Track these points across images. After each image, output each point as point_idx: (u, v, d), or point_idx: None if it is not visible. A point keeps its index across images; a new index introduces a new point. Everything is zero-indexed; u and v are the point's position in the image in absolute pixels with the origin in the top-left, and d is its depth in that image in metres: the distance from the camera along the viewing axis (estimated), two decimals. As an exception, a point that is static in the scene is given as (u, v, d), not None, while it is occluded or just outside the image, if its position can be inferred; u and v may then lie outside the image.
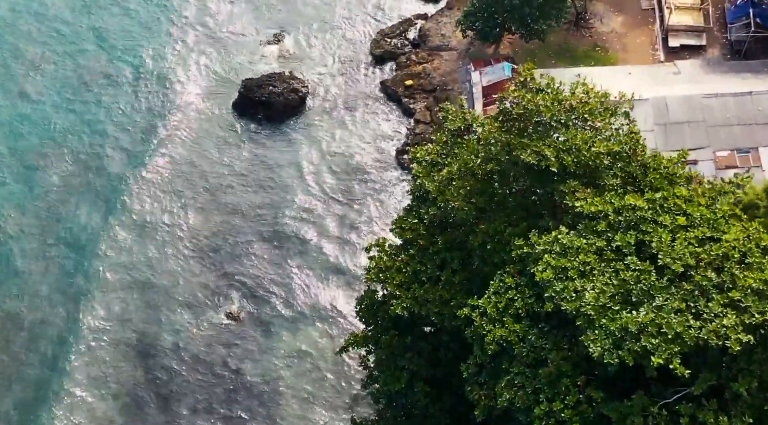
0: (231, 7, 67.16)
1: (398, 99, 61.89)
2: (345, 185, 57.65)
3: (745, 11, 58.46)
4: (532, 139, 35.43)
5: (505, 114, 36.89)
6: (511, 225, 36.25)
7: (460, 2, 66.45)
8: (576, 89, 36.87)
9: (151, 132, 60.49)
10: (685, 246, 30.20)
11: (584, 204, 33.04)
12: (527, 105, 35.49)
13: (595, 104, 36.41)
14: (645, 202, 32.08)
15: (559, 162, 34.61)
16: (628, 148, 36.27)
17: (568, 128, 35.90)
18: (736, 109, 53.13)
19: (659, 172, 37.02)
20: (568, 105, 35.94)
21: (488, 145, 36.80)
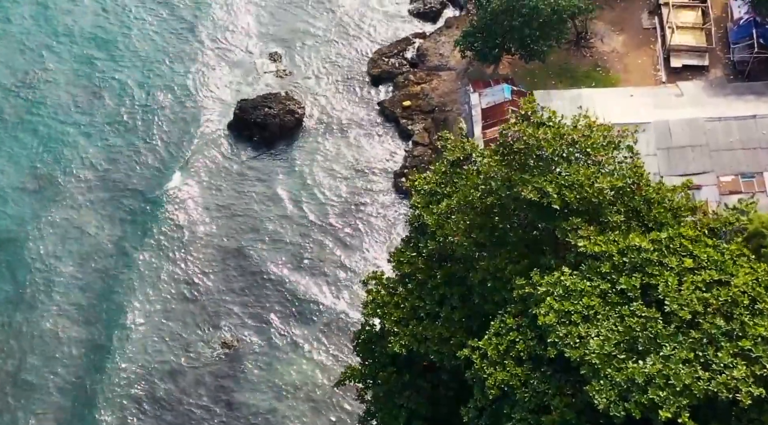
0: (227, 26, 66.29)
1: (396, 120, 60.94)
2: (342, 210, 56.63)
3: (748, 31, 57.56)
4: (534, 174, 34.45)
5: (506, 147, 35.91)
6: (512, 262, 35.25)
7: (459, 21, 65.65)
8: (578, 122, 35.87)
9: (144, 154, 59.45)
10: (693, 291, 29.23)
11: (587, 243, 32.07)
12: (528, 139, 34.51)
13: (598, 138, 35.41)
14: (650, 243, 31.10)
15: (561, 198, 33.63)
16: (631, 182, 35.30)
17: (570, 163, 34.93)
18: (740, 132, 52.18)
19: (663, 205, 36.15)
20: (570, 139, 34.94)
21: (488, 180, 35.81)
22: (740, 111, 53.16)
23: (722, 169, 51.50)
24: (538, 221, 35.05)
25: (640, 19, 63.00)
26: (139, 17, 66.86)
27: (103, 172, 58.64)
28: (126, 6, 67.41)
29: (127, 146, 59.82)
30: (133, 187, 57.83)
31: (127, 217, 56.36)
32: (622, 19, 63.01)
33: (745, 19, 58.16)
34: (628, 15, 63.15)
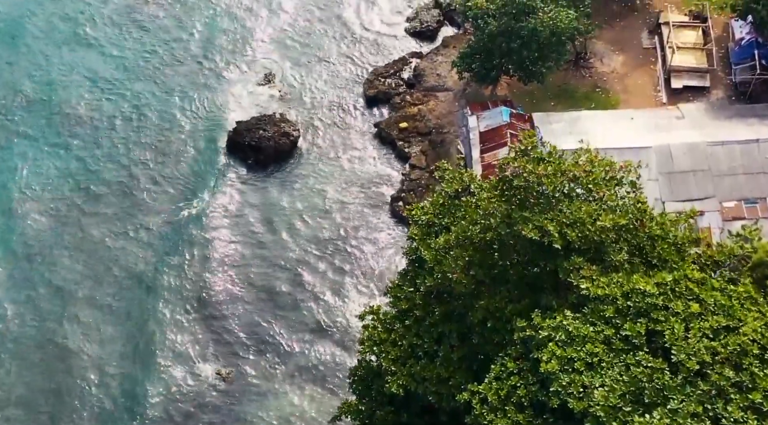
0: (222, 46, 65.22)
1: (393, 142, 59.93)
2: (338, 236, 55.60)
3: (750, 52, 56.68)
4: (534, 212, 33.54)
5: (505, 182, 35.00)
6: (512, 301, 34.35)
7: (456, 40, 64.71)
8: (579, 157, 34.94)
9: (137, 177, 58.39)
10: (700, 338, 28.29)
11: (590, 286, 31.13)
12: (528, 176, 33.61)
13: (600, 173, 34.51)
14: (655, 287, 30.17)
15: (563, 237, 32.72)
16: (634, 218, 34.38)
17: (571, 200, 34.04)
18: (743, 157, 51.25)
19: (667, 241, 35.24)
20: (571, 175, 34.01)
21: (487, 216, 34.89)
22: (743, 134, 52.23)
23: (725, 194, 50.57)
24: (539, 260, 34.09)
25: (639, 38, 62.11)
26: (131, 37, 65.77)
27: (92, 194, 57.73)
28: (115, 25, 66.34)
29: (112, 171, 58.69)
30: (117, 213, 56.81)
31: (111, 242, 55.27)
32: (621, 39, 62.10)
33: (747, 40, 57.29)
34: (627, 34, 62.26)
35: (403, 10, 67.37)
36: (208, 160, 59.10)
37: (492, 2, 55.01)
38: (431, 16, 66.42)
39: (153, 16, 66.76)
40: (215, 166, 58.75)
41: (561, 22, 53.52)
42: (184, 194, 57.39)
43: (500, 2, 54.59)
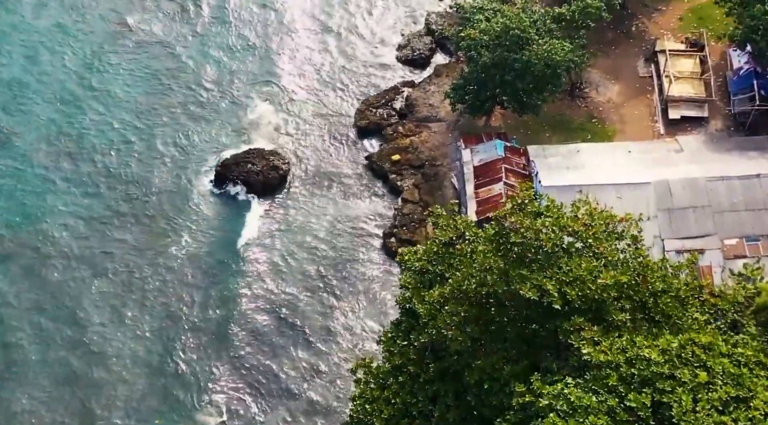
0: (210, 76, 63.68)
1: (384, 175, 58.50)
2: (328, 275, 54.03)
3: (749, 82, 55.52)
4: (532, 269, 32.13)
5: (502, 236, 33.60)
6: (510, 361, 32.90)
7: (449, 69, 63.40)
8: (579, 210, 33.57)
9: (119, 213, 56.69)
10: (708, 410, 26.90)
11: (592, 351, 29.72)
12: (526, 232, 32.19)
13: (600, 227, 33.14)
14: (660, 354, 28.76)
15: (563, 296, 31.33)
16: (636, 274, 33.00)
17: (570, 255, 32.67)
18: (744, 193, 50.02)
19: (670, 294, 33.88)
20: (570, 230, 32.65)
21: (484, 272, 33.46)
22: (743, 169, 51.02)
23: (726, 231, 49.31)
24: (537, 319, 32.68)
25: (636, 67, 60.94)
26: (117, 64, 64.28)
27: (72, 229, 56.12)
28: (99, 55, 64.79)
29: (93, 206, 57.11)
30: (99, 249, 55.22)
31: (83, 284, 53.81)
32: (617, 67, 60.89)
33: (746, 70, 56.13)
34: (623, 63, 61.06)
35: (394, 37, 66.06)
36: (193, 195, 57.44)
37: (485, 33, 53.82)
38: (423, 43, 65.09)
39: (139, 45, 65.31)
40: (201, 202, 57.12)
41: (556, 55, 52.30)
42: (168, 232, 55.69)
43: (494, 34, 53.41)
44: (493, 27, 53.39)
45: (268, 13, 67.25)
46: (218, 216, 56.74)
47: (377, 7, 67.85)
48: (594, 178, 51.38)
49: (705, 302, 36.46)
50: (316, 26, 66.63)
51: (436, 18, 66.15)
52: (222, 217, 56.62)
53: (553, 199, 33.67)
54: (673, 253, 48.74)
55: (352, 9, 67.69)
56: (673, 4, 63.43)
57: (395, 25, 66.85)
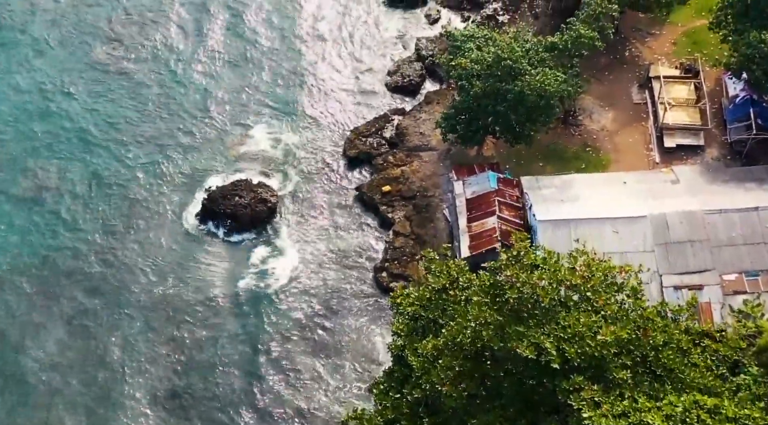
0: (195, 104, 62.34)
1: (375, 207, 57.21)
2: (318, 313, 52.57)
3: (745, 111, 54.50)
4: (529, 325, 30.95)
5: (497, 288, 32.42)
6: (508, 420, 31.71)
7: (439, 96, 62.24)
8: (576, 262, 32.39)
9: (99, 252, 55.03)
10: (715, 481, 25.74)
11: (593, 415, 28.54)
12: (522, 287, 31.02)
13: (598, 280, 31.98)
14: (663, 420, 27.59)
15: (561, 354, 30.16)
16: (637, 328, 31.85)
17: (569, 310, 31.51)
18: (742, 226, 48.95)
19: (671, 346, 32.75)
20: (569, 283, 31.48)
21: (479, 327, 32.25)
22: (741, 202, 49.94)
23: (725, 266, 48.20)
24: (535, 377, 31.46)
25: (629, 93, 59.88)
26: (100, 94, 62.89)
27: (51, 266, 54.67)
28: (83, 82, 63.49)
29: (74, 242, 55.54)
30: (78, 286, 53.84)
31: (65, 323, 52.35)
32: (611, 94, 59.83)
33: (741, 97, 55.12)
34: (617, 89, 59.99)
35: (384, 63, 64.89)
36: (178, 233, 55.88)
37: (477, 63, 52.71)
38: (413, 69, 63.89)
39: (122, 74, 63.92)
40: (186, 240, 55.57)
41: (549, 86, 51.19)
42: (149, 274, 54.06)
43: (485, 64, 52.29)
44: (484, 57, 52.29)
45: (255, 42, 66.01)
46: (204, 255, 55.06)
47: (366, 32, 66.71)
48: (589, 211, 50.25)
49: (707, 348, 35.48)
50: (304, 53, 65.42)
51: (426, 43, 64.99)
52: (208, 257, 54.96)
53: (551, 251, 32.43)
54: (671, 289, 47.67)
55: (341, 34, 66.52)
56: (667, 28, 62.47)
57: (384, 50, 65.73)
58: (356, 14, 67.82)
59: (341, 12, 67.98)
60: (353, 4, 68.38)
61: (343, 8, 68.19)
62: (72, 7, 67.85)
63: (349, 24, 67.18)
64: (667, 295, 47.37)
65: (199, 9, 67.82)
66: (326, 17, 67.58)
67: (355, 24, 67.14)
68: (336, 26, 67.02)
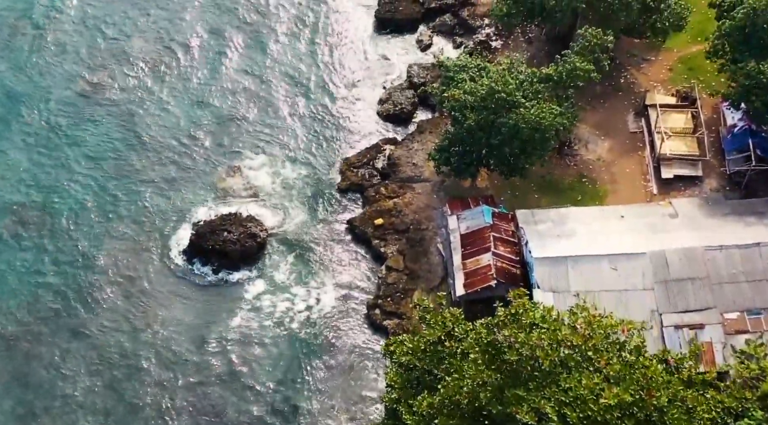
0: (182, 136, 60.94)
1: (367, 241, 55.90)
2: (310, 353, 51.15)
3: (744, 141, 53.45)
4: (529, 388, 29.72)
5: (495, 347, 31.22)
6: (508, 486, 30.41)
7: (432, 125, 61.05)
8: (577, 320, 31.18)
9: (84, 291, 53.47)
10: None
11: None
12: (521, 348, 29.82)
13: (600, 338, 30.78)
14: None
15: (562, 419, 28.95)
16: (641, 389, 30.62)
17: (570, 371, 30.27)
18: (744, 263, 47.81)
19: (676, 405, 31.54)
20: (569, 343, 30.27)
21: (476, 386, 31.03)
22: (742, 237, 48.82)
23: (726, 304, 47.04)
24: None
25: (625, 121, 58.79)
26: (85, 125, 61.45)
27: (34, 309, 53.16)
28: (68, 114, 62.06)
29: (57, 283, 54.01)
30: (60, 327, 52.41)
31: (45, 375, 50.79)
32: (607, 122, 58.71)
33: (740, 127, 54.06)
34: (613, 117, 58.88)
35: (375, 91, 63.66)
36: (164, 270, 54.42)
37: (470, 95, 51.53)
38: (405, 97, 62.67)
39: (108, 105, 62.51)
40: (173, 276, 54.14)
41: (544, 119, 50.04)
42: (139, 314, 52.63)
43: (479, 96, 51.12)
44: (477, 89, 51.11)
45: (243, 71, 64.71)
46: (191, 295, 53.59)
47: (357, 59, 65.51)
48: (586, 247, 49.08)
49: (711, 399, 34.33)
50: (294, 81, 64.12)
51: (418, 70, 63.80)
52: (195, 297, 53.47)
53: (550, 308, 31.21)
54: (672, 329, 46.50)
55: (331, 61, 65.28)
56: (663, 53, 61.42)
57: (376, 77, 64.53)
58: (347, 41, 66.62)
59: (331, 39, 66.72)
60: (344, 31, 67.17)
61: (334, 35, 66.95)
62: (52, 33, 66.56)
63: (340, 51, 65.96)
64: (668, 335, 46.27)
65: (186, 37, 66.50)
66: (316, 44, 66.31)
67: (346, 51, 65.93)
68: (326, 53, 65.75)
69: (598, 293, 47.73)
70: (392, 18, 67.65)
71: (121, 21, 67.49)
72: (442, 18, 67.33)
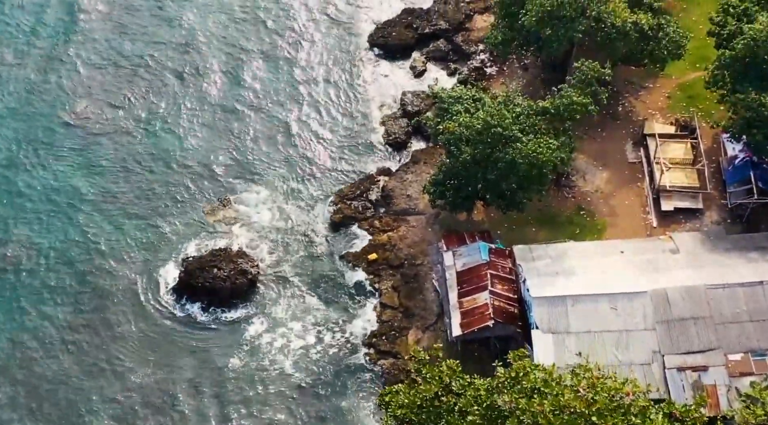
0: (172, 166, 59.55)
1: (361, 276, 54.47)
2: (304, 394, 49.70)
3: (746, 173, 52.33)
4: (531, 458, 28.46)
5: (494, 410, 29.96)
6: None
7: (427, 155, 59.82)
8: (580, 383, 29.90)
9: (65, 329, 51.99)
10: None
11: None
12: (523, 416, 28.51)
13: (603, 402, 29.50)
14: None
15: (567, 489, 27.70)
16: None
17: (574, 439, 28.98)
18: (747, 302, 46.65)
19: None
20: (573, 409, 28.99)
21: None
22: (745, 274, 47.66)
23: (730, 345, 45.81)
24: None
25: (624, 151, 57.63)
26: (69, 156, 60.06)
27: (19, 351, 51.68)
28: (51, 144, 60.65)
29: (40, 324, 52.41)
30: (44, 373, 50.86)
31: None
32: (604, 152, 57.54)
33: (741, 159, 52.96)
34: (611, 147, 57.70)
35: (368, 120, 62.41)
36: (152, 310, 52.93)
37: (466, 127, 50.32)
38: (399, 126, 61.42)
39: (94, 134, 61.14)
40: (160, 316, 52.64)
41: (542, 155, 48.85)
42: (127, 357, 51.08)
43: (474, 129, 49.91)
44: (473, 123, 49.91)
45: (234, 100, 63.32)
46: (180, 336, 52.07)
47: (350, 87, 64.25)
48: (586, 286, 47.84)
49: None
50: (285, 111, 62.83)
51: (412, 98, 62.57)
52: (184, 338, 51.95)
53: (551, 371, 29.93)
54: (675, 371, 45.25)
55: (324, 90, 64.02)
56: (661, 80, 60.30)
57: (369, 106, 63.34)
58: (339, 67, 65.38)
59: (323, 66, 65.46)
60: (336, 58, 65.91)
61: (325, 62, 65.65)
62: (33, 62, 65.09)
63: (332, 78, 64.72)
64: (670, 377, 45.02)
65: (174, 65, 65.12)
66: (308, 71, 65.07)
67: (338, 78, 64.69)
68: (318, 81, 64.52)
69: (598, 334, 46.59)
70: (385, 44, 66.49)
71: (106, 49, 66.12)
72: (436, 44, 66.16)
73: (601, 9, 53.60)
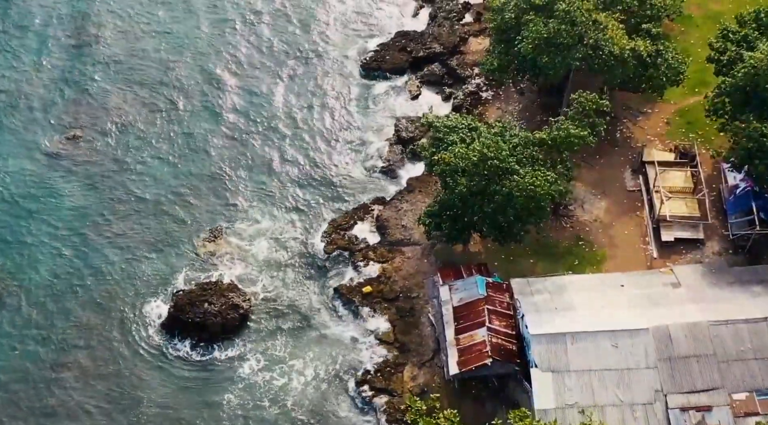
0: (161, 196, 58.30)
1: (355, 310, 53.23)
2: (296, 437, 48.79)
3: (747, 203, 51.23)
4: None
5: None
6: None
7: (422, 183, 58.62)
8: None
9: (50, 367, 50.53)
10: None
11: None
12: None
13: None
14: None
15: None
16: None
17: None
18: (752, 339, 45.48)
19: None
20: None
21: None
22: (748, 309, 46.49)
23: (734, 384, 44.61)
24: None
25: (622, 179, 56.50)
26: (60, 185, 58.77)
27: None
28: (43, 171, 59.36)
29: (26, 363, 51.02)
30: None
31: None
32: (603, 180, 56.38)
33: (742, 189, 51.85)
34: (609, 174, 56.57)
35: (362, 146, 61.18)
36: (141, 349, 51.48)
37: (462, 159, 49.11)
38: (393, 153, 60.25)
39: (86, 163, 59.90)
40: (150, 355, 51.25)
41: (539, 187, 47.68)
42: (114, 397, 49.71)
43: (470, 161, 48.71)
44: (469, 155, 48.72)
45: (225, 127, 62.15)
46: (170, 374, 50.65)
47: (343, 113, 63.06)
48: (586, 322, 46.60)
49: None
50: (277, 136, 61.74)
51: (406, 124, 61.40)
52: (174, 376, 50.55)
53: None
54: (678, 411, 44.03)
55: (316, 115, 62.87)
56: (659, 106, 59.24)
57: (363, 132, 62.14)
58: (332, 92, 64.36)
59: (316, 91, 64.40)
60: (329, 82, 64.83)
61: (319, 87, 64.53)
62: (21, 89, 63.90)
63: (325, 103, 63.60)
64: (674, 418, 43.85)
65: (165, 93, 63.92)
66: (301, 97, 63.93)
67: (331, 104, 63.62)
68: (311, 107, 63.45)
69: (598, 372, 45.37)
70: (379, 67, 65.36)
71: (94, 75, 64.89)
72: (431, 67, 65.00)
73: (599, 36, 52.52)
